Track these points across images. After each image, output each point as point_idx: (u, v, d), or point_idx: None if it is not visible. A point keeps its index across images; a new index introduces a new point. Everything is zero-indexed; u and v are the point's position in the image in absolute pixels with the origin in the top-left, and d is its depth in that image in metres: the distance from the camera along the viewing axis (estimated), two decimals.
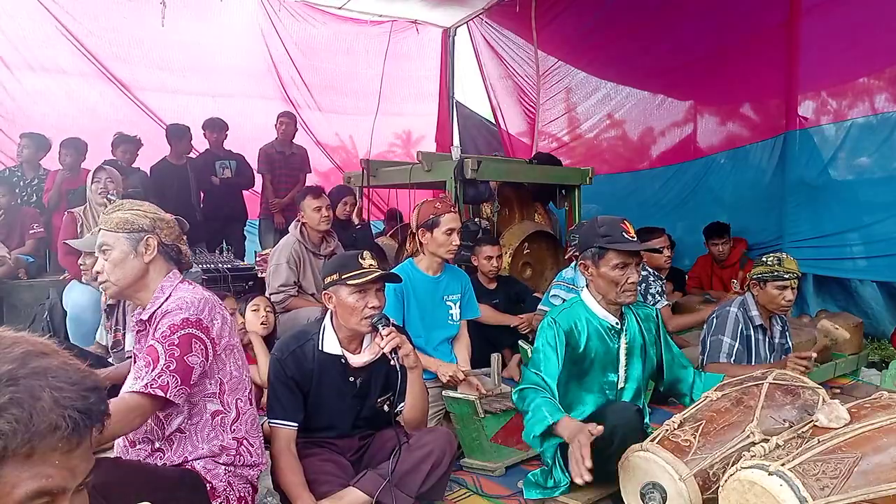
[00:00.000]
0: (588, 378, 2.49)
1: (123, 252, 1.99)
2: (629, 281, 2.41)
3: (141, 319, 2.03)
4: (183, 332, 1.88)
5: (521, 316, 4.10)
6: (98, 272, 2.03)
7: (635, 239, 2.47)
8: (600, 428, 2.05)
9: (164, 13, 6.29)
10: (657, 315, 2.67)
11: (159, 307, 1.98)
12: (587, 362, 2.46)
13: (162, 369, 1.82)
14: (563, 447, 2.33)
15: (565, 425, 2.13)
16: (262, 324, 3.38)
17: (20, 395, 0.77)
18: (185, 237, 2.16)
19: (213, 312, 1.98)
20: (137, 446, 2.01)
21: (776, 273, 3.19)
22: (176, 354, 1.85)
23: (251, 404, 2.13)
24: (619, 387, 2.51)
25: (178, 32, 6.94)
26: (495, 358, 3.35)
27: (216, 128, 6.34)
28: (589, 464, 1.96)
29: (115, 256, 1.99)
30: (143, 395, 1.79)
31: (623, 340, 2.49)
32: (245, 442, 2.06)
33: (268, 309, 3.47)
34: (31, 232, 5.16)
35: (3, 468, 0.75)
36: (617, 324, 2.49)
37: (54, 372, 0.81)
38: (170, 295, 2.01)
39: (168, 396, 1.81)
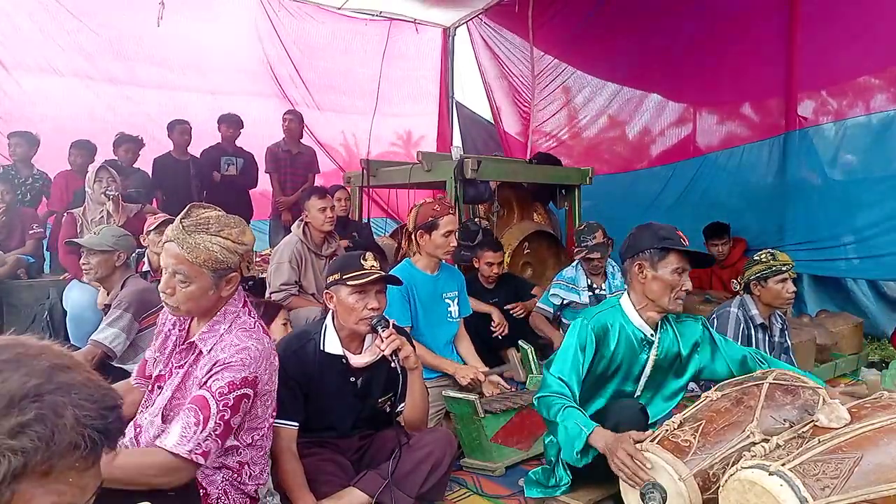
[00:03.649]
0: (607, 384, 2.44)
1: (203, 289, 1.84)
2: (683, 287, 2.35)
3: (192, 342, 1.90)
4: (240, 392, 1.80)
5: (496, 312, 4.10)
6: (165, 293, 1.87)
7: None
8: (647, 433, 2.04)
9: (162, 13, 6.29)
10: (705, 325, 2.54)
11: (216, 343, 1.86)
12: (611, 370, 2.41)
13: (209, 433, 1.74)
14: None
15: (600, 435, 2.10)
16: None
17: (44, 411, 0.77)
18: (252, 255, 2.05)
19: (268, 364, 1.90)
20: None
21: (774, 268, 3.22)
22: (226, 417, 1.77)
23: (264, 438, 2.06)
24: (634, 397, 2.47)
25: (178, 30, 6.92)
26: (514, 355, 3.37)
27: (232, 124, 6.34)
28: (650, 466, 1.95)
29: (193, 291, 1.83)
30: (185, 459, 1.71)
31: (653, 353, 2.42)
32: (247, 466, 2.00)
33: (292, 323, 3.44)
34: (30, 232, 5.17)
35: (20, 484, 0.75)
36: (651, 335, 2.42)
37: (77, 388, 0.81)
38: (231, 325, 1.89)
39: (206, 462, 1.76)
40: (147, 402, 2.04)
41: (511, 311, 4.28)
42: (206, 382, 1.81)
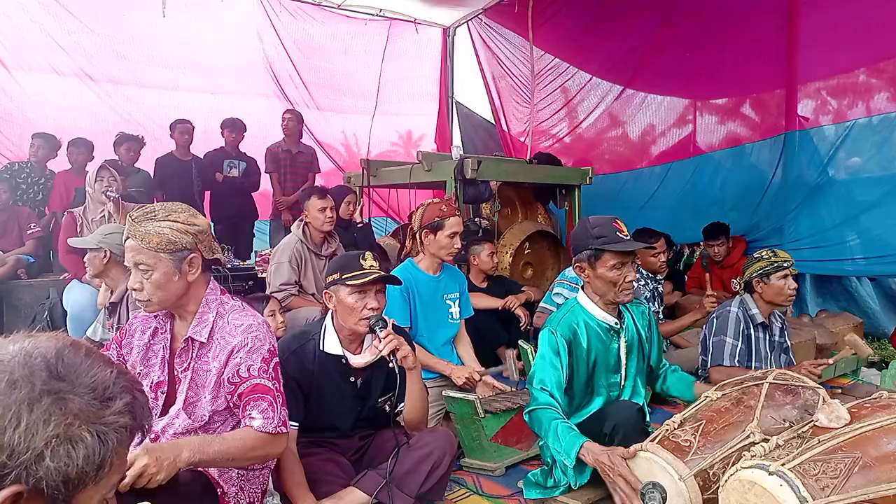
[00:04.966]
0: (594, 381, 2.49)
1: (166, 274, 1.86)
2: (626, 280, 2.42)
3: (191, 338, 1.94)
4: (273, 360, 1.94)
5: (507, 298, 4.19)
6: (135, 289, 1.90)
7: (629, 237, 2.48)
8: (633, 449, 2.04)
9: (165, 3, 6.30)
10: (649, 312, 2.69)
11: (212, 329, 1.93)
12: (591, 365, 2.46)
13: (281, 406, 1.92)
14: None
15: (588, 449, 2.12)
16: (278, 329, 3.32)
17: (129, 393, 0.90)
18: (216, 242, 2.06)
19: (271, 335, 1.99)
20: None
21: (776, 264, 3.25)
22: (279, 387, 1.94)
23: None
24: (621, 385, 2.53)
25: (178, 30, 6.93)
26: (510, 354, 3.38)
27: (234, 128, 6.36)
28: (638, 486, 1.97)
29: (157, 278, 1.86)
30: (275, 434, 1.88)
31: (623, 339, 2.50)
32: None
33: (282, 313, 3.45)
34: (28, 232, 5.17)
35: (116, 453, 0.87)
36: (616, 323, 2.50)
37: (126, 375, 0.93)
38: (218, 312, 1.95)
39: (288, 430, 1.95)
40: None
41: (515, 327, 4.27)
42: (238, 371, 1.88)
